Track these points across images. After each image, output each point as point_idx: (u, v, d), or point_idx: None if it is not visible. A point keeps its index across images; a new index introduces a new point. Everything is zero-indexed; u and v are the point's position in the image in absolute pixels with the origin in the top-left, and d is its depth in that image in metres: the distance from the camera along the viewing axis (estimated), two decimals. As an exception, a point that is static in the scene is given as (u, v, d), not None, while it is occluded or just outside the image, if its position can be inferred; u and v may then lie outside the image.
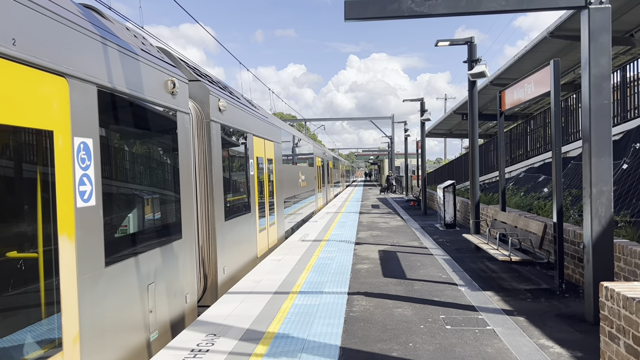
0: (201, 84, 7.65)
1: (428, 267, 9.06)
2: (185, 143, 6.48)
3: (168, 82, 5.96)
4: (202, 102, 7.56)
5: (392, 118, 42.31)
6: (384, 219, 18.11)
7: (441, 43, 12.05)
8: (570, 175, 11.75)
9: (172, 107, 6.08)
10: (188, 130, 6.61)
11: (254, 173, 10.23)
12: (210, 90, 7.72)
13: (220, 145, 7.95)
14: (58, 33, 3.85)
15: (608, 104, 5.77)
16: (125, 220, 4.89)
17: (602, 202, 5.77)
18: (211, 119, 7.59)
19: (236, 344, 5.18)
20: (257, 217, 10.40)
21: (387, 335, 5.42)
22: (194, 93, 7.53)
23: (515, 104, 9.13)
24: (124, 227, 4.86)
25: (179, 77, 6.33)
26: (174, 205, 6.13)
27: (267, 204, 11.55)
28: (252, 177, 10.07)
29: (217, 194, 7.71)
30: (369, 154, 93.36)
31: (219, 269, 7.74)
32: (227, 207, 8.24)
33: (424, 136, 22.57)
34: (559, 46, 14.08)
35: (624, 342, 3.63)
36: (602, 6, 5.73)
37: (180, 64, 7.71)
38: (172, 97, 6.05)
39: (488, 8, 5.89)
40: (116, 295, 4.60)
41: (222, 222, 7.94)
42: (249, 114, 10.09)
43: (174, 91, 6.02)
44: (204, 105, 7.56)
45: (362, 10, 5.95)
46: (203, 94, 7.60)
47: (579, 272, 7.49)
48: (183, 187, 6.39)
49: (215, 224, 7.61)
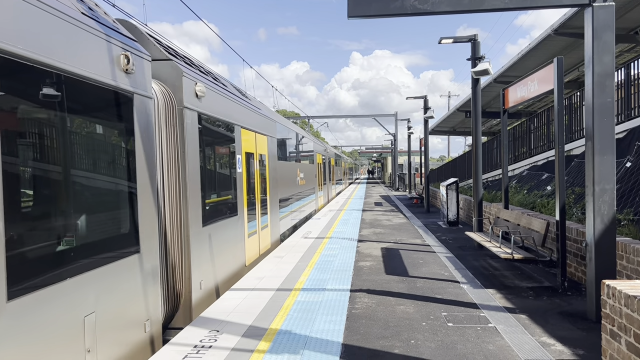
0: (173, 64, 6.50)
1: (430, 264, 9.07)
2: (145, 133, 5.32)
3: (121, 57, 4.81)
4: (174, 85, 6.44)
5: (395, 115, 42.21)
6: (387, 216, 18.12)
7: (445, 40, 12.03)
8: (573, 173, 11.72)
9: (125, 89, 4.89)
10: (150, 118, 5.43)
11: (242, 170, 9.19)
12: (185, 72, 6.59)
13: (197, 137, 6.84)
14: None
15: (611, 102, 5.76)
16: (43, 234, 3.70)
17: (605, 200, 5.77)
18: (185, 105, 6.47)
19: (239, 340, 5.21)
20: (246, 219, 9.38)
21: (389, 332, 5.44)
22: (163, 74, 6.46)
23: (518, 102, 9.11)
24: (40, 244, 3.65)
25: (137, 52, 5.18)
26: (127, 210, 4.93)
27: (259, 205, 10.58)
28: (240, 175, 9.03)
29: (192, 195, 6.61)
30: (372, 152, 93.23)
31: (194, 284, 6.62)
32: (206, 210, 7.15)
33: (427, 134, 22.56)
34: (563, 44, 14.03)
35: (626, 340, 3.63)
36: (605, 4, 5.72)
37: (145, 39, 6.55)
38: (126, 76, 4.92)
39: (491, 6, 5.88)
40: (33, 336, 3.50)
41: (199, 227, 6.84)
42: (236, 104, 9.02)
43: (128, 69, 4.89)
44: (176, 90, 6.44)
45: (365, 8, 5.96)
46: (175, 76, 6.46)
47: (581, 270, 7.49)
48: (141, 187, 5.19)
49: (189, 230, 6.48)
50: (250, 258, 9.73)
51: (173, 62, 6.52)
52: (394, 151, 45.14)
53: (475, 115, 11.45)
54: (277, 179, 12.74)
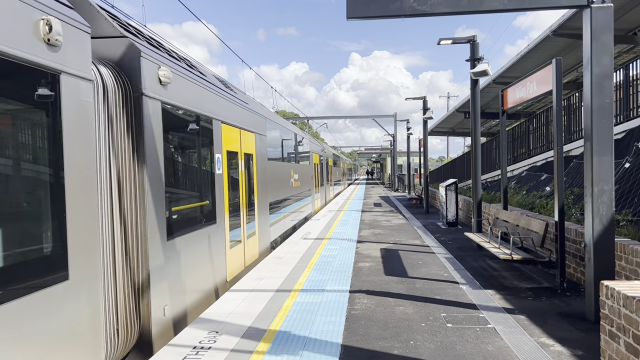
0: (128, 42, 5.37)
1: (430, 265, 9.08)
2: (78, 125, 4.20)
3: (40, 23, 3.71)
4: (130, 68, 5.34)
5: (394, 116, 42.21)
6: (386, 217, 18.13)
7: (444, 42, 12.05)
8: (572, 174, 11.74)
9: (45, 65, 3.79)
10: (87, 105, 4.33)
11: (223, 171, 8.14)
12: (144, 52, 5.46)
13: (161, 131, 5.75)
14: None
15: (610, 103, 5.78)
16: None
17: (604, 201, 5.78)
18: (144, 92, 5.36)
19: (238, 341, 5.21)
20: (227, 228, 8.25)
21: (389, 333, 5.45)
22: (115, 55, 5.38)
23: (517, 103, 9.13)
24: None
25: (69, 20, 4.09)
26: (48, 224, 3.77)
27: (245, 210, 9.52)
28: (220, 177, 7.96)
29: (153, 203, 5.46)
30: (371, 152, 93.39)
31: (155, 312, 5.44)
32: (172, 219, 6.04)
33: (426, 134, 22.60)
34: (562, 44, 14.05)
35: (624, 341, 3.64)
36: (604, 5, 5.73)
37: (92, 11, 5.46)
38: (48, 49, 3.84)
39: (490, 7, 5.89)
40: None
41: (163, 241, 5.71)
42: (216, 95, 7.95)
43: (51, 39, 3.80)
44: (132, 73, 5.34)
45: (364, 9, 5.96)
46: (130, 57, 5.34)
47: (580, 271, 7.50)
48: (72, 195, 4.02)
49: (148, 245, 5.33)
50: (234, 272, 8.67)
51: (128, 40, 5.38)
52: (393, 152, 45.16)
53: (474, 116, 11.47)
54: (267, 181, 11.75)
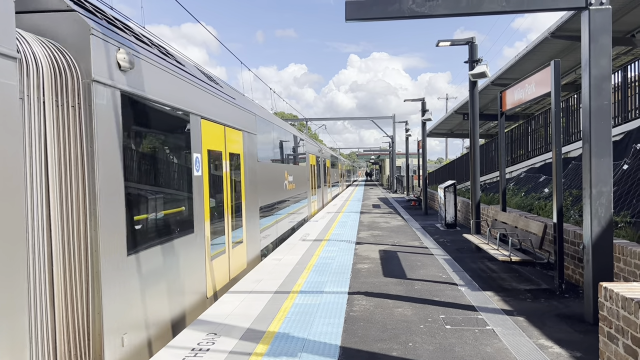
0: (76, 17, 4.51)
1: (428, 267, 9.08)
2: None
3: None
4: (77, 48, 4.47)
5: (393, 118, 42.23)
6: (385, 218, 18.13)
7: (442, 43, 12.06)
8: (570, 176, 11.75)
9: None
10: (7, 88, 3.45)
11: (203, 173, 7.29)
12: (96, 30, 4.58)
13: (119, 125, 4.88)
14: None
15: (608, 105, 5.78)
16: None
17: (602, 202, 5.79)
18: (95, 78, 4.48)
19: (237, 343, 5.20)
20: (208, 237, 7.39)
21: (387, 334, 5.44)
22: (61, 32, 4.51)
23: (516, 104, 9.14)
24: None
25: None
26: None
27: (230, 216, 8.64)
28: (199, 180, 7.09)
29: (107, 211, 4.59)
30: (370, 154, 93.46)
31: (109, 343, 4.55)
32: (134, 230, 5.13)
33: (425, 136, 22.61)
34: (560, 46, 14.07)
35: (623, 343, 3.64)
36: (602, 7, 5.74)
37: None
38: None
39: (488, 9, 5.90)
40: None
41: (121, 257, 4.81)
42: (195, 87, 7.08)
43: None
44: (80, 54, 4.46)
45: (363, 11, 5.97)
46: (78, 34, 4.48)
47: (578, 273, 7.50)
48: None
49: (99, 263, 4.43)
50: (215, 285, 7.76)
51: (77, 15, 4.52)
52: (392, 153, 45.16)
53: (473, 118, 11.48)
54: (258, 183, 10.85)
